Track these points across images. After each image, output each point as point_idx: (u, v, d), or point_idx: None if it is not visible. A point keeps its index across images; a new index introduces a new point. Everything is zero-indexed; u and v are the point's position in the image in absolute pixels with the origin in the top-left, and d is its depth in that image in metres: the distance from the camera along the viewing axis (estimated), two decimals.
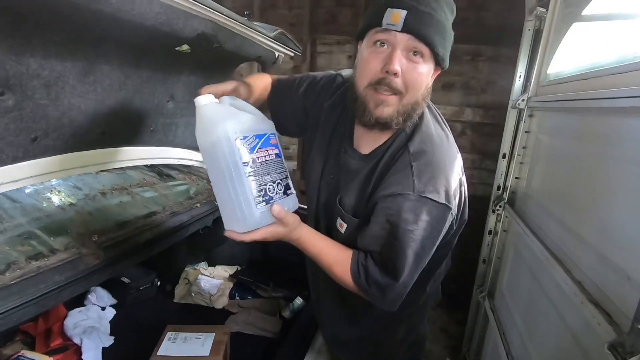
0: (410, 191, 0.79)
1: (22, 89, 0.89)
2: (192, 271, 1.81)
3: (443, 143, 0.86)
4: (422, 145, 0.83)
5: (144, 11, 0.83)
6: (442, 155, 0.84)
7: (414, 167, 0.80)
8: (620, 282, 0.94)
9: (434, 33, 0.74)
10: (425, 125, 0.86)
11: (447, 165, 0.83)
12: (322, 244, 0.88)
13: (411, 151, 0.82)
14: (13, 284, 0.87)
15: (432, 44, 0.75)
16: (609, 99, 1.07)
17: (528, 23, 1.84)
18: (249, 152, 0.75)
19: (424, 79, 0.79)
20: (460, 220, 0.93)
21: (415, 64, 0.76)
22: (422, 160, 0.81)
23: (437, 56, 0.77)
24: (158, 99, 1.36)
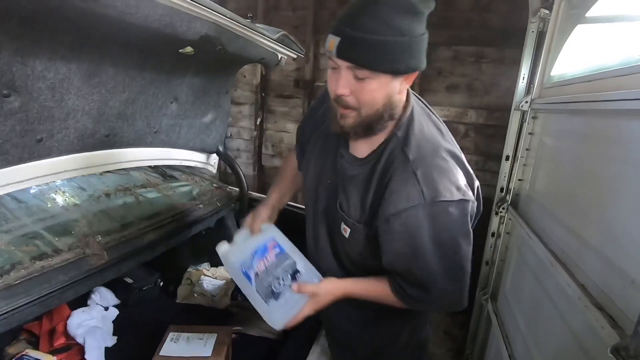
0: (422, 201, 0.79)
1: (28, 91, 0.90)
2: (195, 272, 1.82)
3: (439, 141, 0.87)
4: (419, 150, 0.83)
5: (147, 14, 0.84)
6: (441, 154, 0.84)
7: (418, 175, 0.80)
8: (624, 286, 0.93)
9: (370, 55, 0.73)
10: (417, 127, 0.86)
11: (449, 162, 0.83)
12: (363, 288, 0.95)
13: (411, 159, 0.82)
14: (18, 284, 0.89)
15: (369, 66, 0.74)
16: (614, 101, 1.07)
17: (532, 25, 1.83)
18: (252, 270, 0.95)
19: (377, 94, 0.78)
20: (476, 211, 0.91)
21: (362, 84, 0.77)
22: (425, 165, 0.81)
23: (386, 71, 0.76)
24: (162, 100, 1.38)
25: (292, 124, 3.50)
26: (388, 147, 0.86)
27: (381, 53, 0.73)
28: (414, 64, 0.77)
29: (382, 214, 0.83)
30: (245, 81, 3.54)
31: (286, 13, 3.29)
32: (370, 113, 0.81)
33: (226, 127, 1.84)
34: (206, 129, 1.70)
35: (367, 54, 0.73)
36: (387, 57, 0.74)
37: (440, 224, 0.80)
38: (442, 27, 2.84)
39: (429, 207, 0.78)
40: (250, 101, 3.58)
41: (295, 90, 3.36)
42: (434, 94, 2.99)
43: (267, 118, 3.57)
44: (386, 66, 0.75)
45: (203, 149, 1.78)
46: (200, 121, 1.65)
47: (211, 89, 1.59)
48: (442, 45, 2.88)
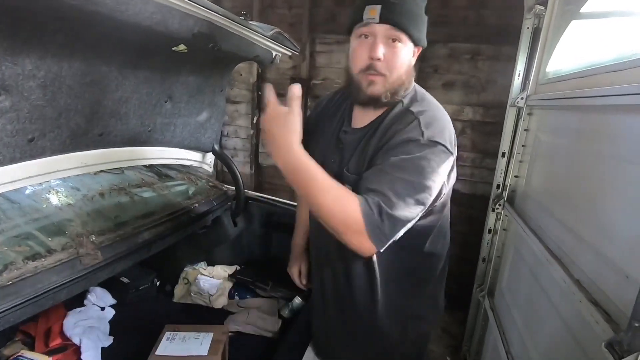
0: (420, 137, 0.87)
1: (18, 90, 0.89)
2: (192, 271, 1.81)
3: (440, 106, 0.98)
4: (423, 106, 0.94)
5: (138, 11, 0.84)
6: (442, 114, 0.95)
7: (420, 120, 0.89)
8: (618, 281, 0.93)
9: (406, 20, 0.88)
10: (420, 95, 0.99)
11: (447, 122, 0.94)
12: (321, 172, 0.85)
13: (415, 111, 0.91)
14: (10, 285, 0.88)
15: (406, 29, 0.88)
16: (607, 96, 1.07)
17: (527, 21, 1.83)
18: None
19: (404, 60, 0.91)
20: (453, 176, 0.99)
21: (394, 49, 0.89)
22: (427, 115, 0.90)
23: (412, 37, 0.90)
24: (156, 99, 1.37)
25: None
26: (392, 112, 0.95)
27: (414, 20, 0.89)
28: (424, 38, 0.93)
29: (382, 151, 0.89)
30: (241, 79, 3.53)
31: (282, 11, 3.28)
32: (395, 79, 0.91)
33: (222, 125, 1.83)
34: (201, 128, 1.69)
35: (404, 19, 0.88)
36: (417, 25, 0.90)
37: (430, 159, 0.86)
38: (438, 24, 2.83)
39: (426, 144, 0.86)
40: (246, 100, 3.57)
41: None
42: (431, 92, 2.90)
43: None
44: (415, 33, 0.90)
45: (198, 147, 1.77)
46: (195, 120, 1.64)
47: (206, 88, 1.58)
48: (438, 42, 2.88)
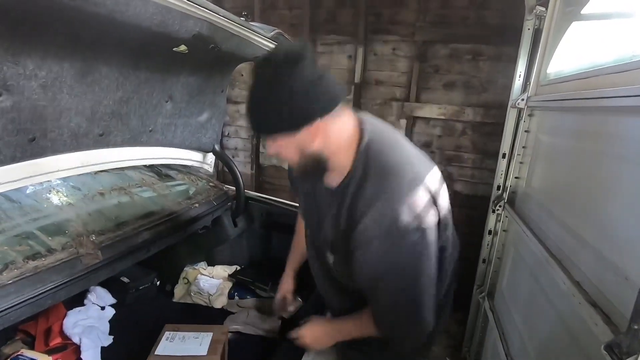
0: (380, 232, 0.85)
1: (20, 90, 0.90)
2: (192, 271, 1.81)
3: (399, 170, 0.89)
4: (378, 182, 0.87)
5: (138, 12, 0.84)
6: (398, 187, 0.87)
7: (377, 207, 0.85)
8: (618, 283, 0.93)
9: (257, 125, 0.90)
10: (373, 162, 0.90)
11: (407, 194, 0.86)
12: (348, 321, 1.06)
13: (371, 192, 0.87)
14: (10, 284, 0.88)
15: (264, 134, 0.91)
16: (608, 98, 1.06)
17: (528, 22, 1.83)
18: None
19: (288, 150, 0.90)
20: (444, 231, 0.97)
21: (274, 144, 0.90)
22: (382, 198, 0.85)
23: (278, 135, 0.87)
24: (157, 99, 1.37)
25: None
26: (351, 184, 0.91)
27: (264, 122, 0.87)
28: (297, 119, 0.84)
29: (352, 244, 0.90)
30: (242, 80, 3.53)
31: (283, 12, 3.28)
32: (298, 163, 0.92)
33: (222, 126, 1.83)
34: (202, 128, 1.70)
35: (257, 124, 0.90)
36: (270, 123, 0.86)
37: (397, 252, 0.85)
38: (438, 24, 2.84)
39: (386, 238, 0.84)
40: None
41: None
42: (431, 92, 2.99)
43: None
44: (273, 129, 0.87)
45: (199, 148, 1.77)
46: (196, 120, 1.65)
47: (207, 88, 1.59)
48: (439, 43, 2.88)
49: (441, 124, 3.02)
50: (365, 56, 3.11)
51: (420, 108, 3.00)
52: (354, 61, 3.13)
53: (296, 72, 0.81)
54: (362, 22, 3.03)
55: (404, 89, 3.07)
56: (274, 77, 0.82)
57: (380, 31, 3.04)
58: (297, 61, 0.80)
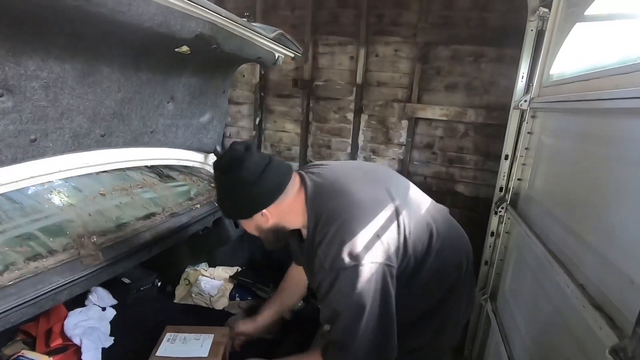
0: (323, 274, 0.98)
1: (21, 91, 0.90)
2: (193, 272, 1.81)
3: (338, 217, 1.01)
4: (321, 231, 1.01)
5: (140, 12, 0.84)
6: (339, 227, 0.99)
7: (320, 251, 0.99)
8: (623, 286, 0.92)
9: (224, 213, 1.18)
10: (317, 214, 1.04)
11: (345, 233, 0.98)
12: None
13: (317, 240, 1.02)
14: (11, 285, 0.88)
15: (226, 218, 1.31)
16: (613, 99, 1.06)
17: (531, 23, 1.83)
18: None
19: (250, 229, 1.14)
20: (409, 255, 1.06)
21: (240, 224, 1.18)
22: (324, 242, 0.99)
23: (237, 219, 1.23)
24: (158, 100, 1.37)
25: (291, 123, 3.49)
26: (309, 231, 1.07)
27: (225, 210, 1.14)
28: (245, 211, 1.07)
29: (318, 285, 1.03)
30: (244, 81, 3.53)
31: (285, 12, 3.28)
32: (261, 237, 1.15)
33: (224, 127, 1.83)
34: (203, 129, 1.70)
35: (223, 211, 1.16)
36: (231, 212, 1.16)
37: (342, 288, 0.96)
38: (440, 26, 2.83)
39: (328, 274, 0.97)
40: (249, 101, 3.57)
41: (294, 89, 3.36)
42: (433, 93, 2.98)
43: (266, 118, 3.56)
44: (233, 216, 1.25)
45: (201, 148, 1.77)
46: (197, 121, 1.65)
47: (208, 89, 1.59)
48: (441, 44, 2.87)
49: (443, 125, 3.01)
50: (367, 57, 3.11)
51: (422, 109, 2.99)
52: (356, 62, 3.13)
53: (236, 176, 1.01)
54: (364, 23, 3.03)
55: (405, 90, 3.07)
56: (223, 181, 1.06)
57: (382, 32, 3.04)
58: (238, 166, 1.00)
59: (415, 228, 1.08)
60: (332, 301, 0.98)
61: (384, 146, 3.24)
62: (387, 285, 0.98)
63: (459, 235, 1.26)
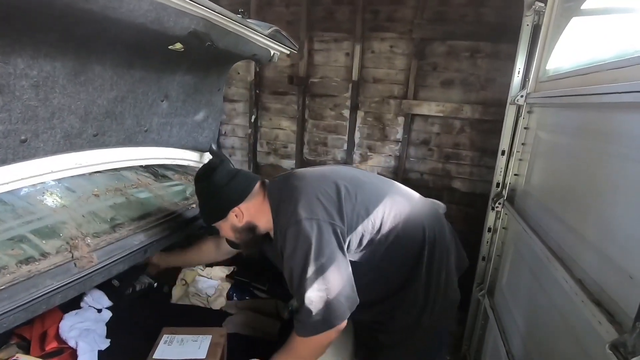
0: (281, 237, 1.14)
1: (10, 90, 0.88)
2: (189, 272, 1.79)
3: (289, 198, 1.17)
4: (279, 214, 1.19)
5: (132, 9, 0.82)
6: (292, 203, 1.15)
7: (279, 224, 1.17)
8: (622, 281, 0.92)
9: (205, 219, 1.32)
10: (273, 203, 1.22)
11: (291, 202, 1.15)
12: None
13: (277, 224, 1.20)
14: (3, 289, 0.86)
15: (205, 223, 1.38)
16: (609, 94, 1.05)
17: (527, 18, 1.82)
18: None
19: (224, 230, 1.30)
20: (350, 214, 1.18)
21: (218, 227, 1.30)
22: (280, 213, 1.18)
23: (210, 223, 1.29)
24: (152, 98, 1.35)
25: (287, 120, 3.47)
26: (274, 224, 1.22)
27: (204, 215, 1.30)
28: (220, 211, 1.23)
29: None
30: (239, 78, 3.50)
31: (280, 9, 3.25)
32: (237, 238, 1.29)
33: (219, 125, 1.81)
34: (198, 127, 1.68)
35: (203, 219, 1.34)
36: (207, 216, 1.29)
37: (290, 242, 1.10)
38: (437, 22, 2.82)
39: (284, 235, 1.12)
40: (244, 98, 3.55)
41: (290, 86, 3.34)
42: (429, 90, 2.98)
43: (262, 115, 3.54)
44: (210, 220, 1.28)
45: (196, 147, 1.75)
46: (192, 119, 1.63)
47: (203, 87, 1.57)
48: (437, 40, 2.86)
49: (439, 122, 3.01)
50: (363, 54, 3.09)
51: (418, 105, 2.99)
52: (352, 59, 3.12)
53: (211, 180, 1.19)
54: (359, 19, 3.01)
55: (401, 87, 3.06)
56: (200, 188, 1.24)
57: (378, 28, 3.02)
58: (211, 172, 1.19)
59: (362, 199, 1.21)
60: (286, 261, 1.12)
61: (380, 143, 3.23)
62: (333, 242, 1.11)
63: (423, 213, 1.33)
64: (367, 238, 1.21)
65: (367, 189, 1.26)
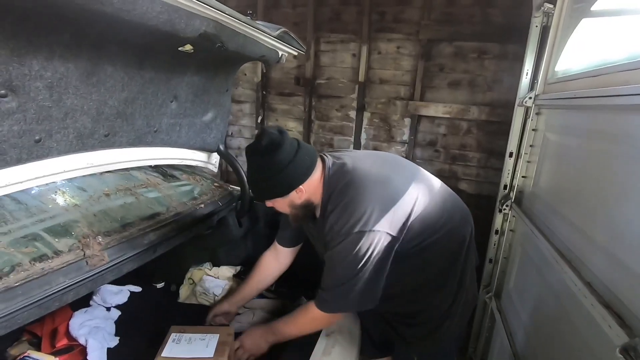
0: (332, 233, 1.13)
1: (25, 91, 0.89)
2: (197, 271, 1.80)
3: (349, 189, 1.15)
4: (334, 201, 1.15)
5: (145, 11, 0.83)
6: (352, 198, 1.13)
7: (332, 217, 1.14)
8: (632, 284, 0.91)
9: (260, 196, 1.26)
10: (329, 189, 1.18)
11: (354, 204, 1.11)
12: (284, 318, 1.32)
13: (329, 210, 1.16)
14: (17, 286, 0.87)
15: (260, 200, 1.35)
16: (620, 96, 1.05)
17: (535, 19, 1.81)
18: None
19: (281, 207, 1.23)
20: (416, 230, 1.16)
21: (270, 203, 1.24)
22: (336, 210, 1.13)
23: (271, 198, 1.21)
24: (161, 99, 1.36)
25: (294, 122, 3.49)
26: (324, 206, 1.20)
27: (264, 192, 1.20)
28: (284, 189, 1.15)
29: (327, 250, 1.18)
30: (245, 79, 3.52)
31: (286, 10, 3.27)
32: (291, 214, 1.24)
33: (227, 125, 1.82)
34: (207, 128, 1.69)
35: (256, 194, 1.31)
36: (265, 193, 1.20)
37: (346, 250, 1.10)
38: (444, 23, 2.82)
39: (340, 239, 1.11)
40: (251, 99, 3.57)
41: (296, 88, 3.35)
42: (436, 91, 2.97)
43: (268, 116, 3.56)
44: (268, 197, 1.21)
45: (204, 148, 1.76)
46: (200, 120, 1.64)
47: (211, 88, 1.58)
48: (444, 41, 2.86)
49: (446, 123, 3.00)
50: (369, 55, 3.09)
51: (425, 107, 2.98)
52: (358, 60, 3.12)
53: (276, 156, 1.09)
54: (366, 20, 3.02)
55: (408, 88, 3.05)
56: (261, 162, 1.12)
57: (385, 29, 3.03)
58: (277, 148, 1.09)
59: (425, 206, 1.18)
60: (334, 258, 1.14)
61: (386, 144, 3.23)
62: (386, 254, 1.12)
63: (464, 213, 1.35)
64: (423, 237, 1.19)
65: (425, 193, 1.22)
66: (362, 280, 1.12)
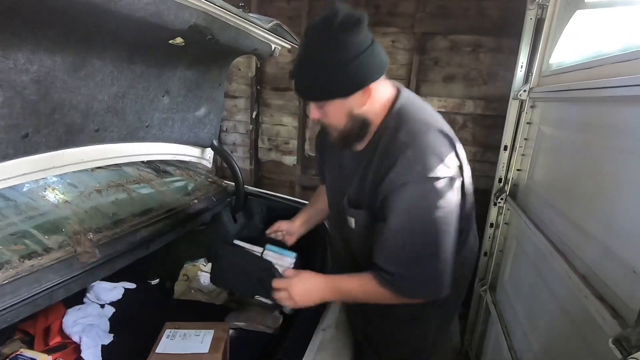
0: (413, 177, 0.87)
1: (11, 85, 0.87)
2: (192, 267, 1.79)
3: (431, 122, 0.94)
4: (410, 132, 0.91)
5: (131, 2, 0.81)
6: (432, 133, 0.92)
7: (409, 154, 0.88)
8: (625, 276, 0.92)
9: (311, 90, 0.92)
10: (407, 115, 0.94)
11: (436, 144, 0.90)
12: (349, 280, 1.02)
13: (403, 141, 0.90)
14: (6, 284, 0.86)
15: (313, 99, 0.93)
16: (614, 87, 1.04)
17: (530, 12, 1.80)
18: None
19: (337, 115, 0.93)
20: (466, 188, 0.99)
21: (323, 110, 0.93)
22: (415, 145, 0.88)
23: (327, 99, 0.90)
24: (153, 94, 1.34)
25: (289, 117, 3.46)
26: (383, 138, 0.94)
27: (315, 88, 0.89)
28: (353, 84, 0.87)
29: (380, 193, 0.90)
30: (240, 74, 3.49)
31: (280, 4, 3.23)
32: (341, 129, 0.95)
33: (220, 120, 1.81)
34: (200, 123, 1.67)
35: (308, 90, 0.92)
36: (324, 88, 0.88)
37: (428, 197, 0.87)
38: (438, 16, 2.80)
39: (422, 183, 0.87)
40: (245, 94, 3.53)
41: (291, 83, 3.32)
42: (431, 85, 2.96)
43: (263, 111, 3.53)
44: (327, 95, 0.89)
45: (197, 143, 1.75)
46: (193, 115, 1.62)
47: (204, 82, 1.56)
48: (439, 34, 2.84)
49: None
50: None
51: None
52: None
53: (353, 37, 0.81)
54: None
55: (403, 82, 3.03)
56: (331, 41, 0.82)
57: (379, 23, 3.00)
58: (355, 26, 0.81)
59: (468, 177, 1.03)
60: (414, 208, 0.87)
61: None
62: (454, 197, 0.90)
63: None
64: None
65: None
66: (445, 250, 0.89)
